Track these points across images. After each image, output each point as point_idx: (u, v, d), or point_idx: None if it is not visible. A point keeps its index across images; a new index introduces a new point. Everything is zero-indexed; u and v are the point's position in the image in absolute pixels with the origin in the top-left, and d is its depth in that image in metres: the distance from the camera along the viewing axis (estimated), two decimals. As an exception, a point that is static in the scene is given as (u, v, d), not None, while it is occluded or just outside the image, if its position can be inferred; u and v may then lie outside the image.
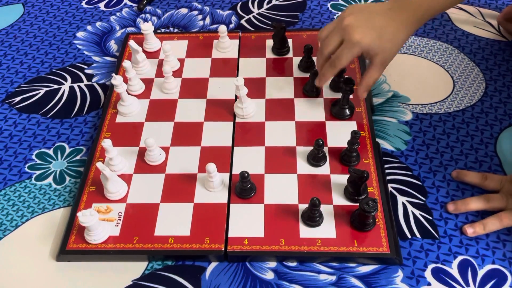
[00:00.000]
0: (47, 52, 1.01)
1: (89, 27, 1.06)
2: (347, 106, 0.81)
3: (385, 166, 0.78)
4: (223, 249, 0.68)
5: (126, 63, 0.84)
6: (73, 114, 0.89)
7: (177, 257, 0.69)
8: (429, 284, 0.66)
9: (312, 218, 0.69)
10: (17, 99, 0.92)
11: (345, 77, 0.80)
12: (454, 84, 0.90)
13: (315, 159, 0.76)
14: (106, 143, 0.73)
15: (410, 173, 0.78)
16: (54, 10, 1.11)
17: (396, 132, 0.83)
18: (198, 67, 0.92)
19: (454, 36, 0.99)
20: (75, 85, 0.94)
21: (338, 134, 0.80)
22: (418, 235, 0.70)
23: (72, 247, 0.69)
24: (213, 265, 0.69)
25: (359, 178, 0.68)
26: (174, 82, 0.88)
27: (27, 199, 0.77)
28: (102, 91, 0.93)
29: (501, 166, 0.78)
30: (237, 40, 0.97)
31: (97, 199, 0.74)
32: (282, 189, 0.73)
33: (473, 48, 0.96)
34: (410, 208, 0.74)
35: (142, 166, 0.78)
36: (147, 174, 0.77)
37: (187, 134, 0.81)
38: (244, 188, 0.72)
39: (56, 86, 0.94)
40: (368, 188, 0.73)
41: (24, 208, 0.76)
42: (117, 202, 0.73)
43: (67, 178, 0.79)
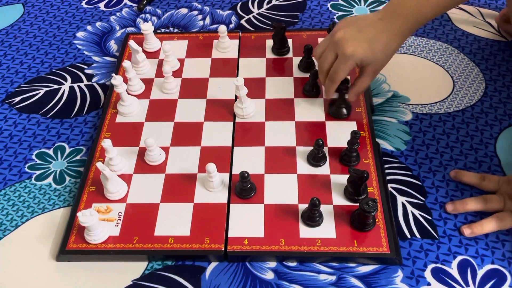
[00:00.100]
0: (47, 52, 1.01)
1: (89, 27, 1.06)
2: (344, 106, 0.81)
3: (385, 166, 0.78)
4: (223, 249, 0.68)
5: (126, 63, 0.84)
6: (73, 114, 0.89)
7: (177, 257, 0.69)
8: (429, 284, 0.66)
9: (312, 218, 0.69)
10: (17, 99, 0.92)
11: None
12: (454, 84, 0.90)
13: (315, 159, 0.76)
14: (106, 143, 0.73)
15: (410, 173, 0.78)
16: (54, 10, 1.11)
17: (396, 132, 0.83)
18: (198, 67, 0.92)
19: (454, 36, 0.99)
20: (75, 85, 0.94)
21: (338, 134, 0.80)
22: (418, 235, 0.70)
23: (72, 247, 0.69)
24: (213, 265, 0.69)
25: (359, 178, 0.68)
26: (174, 82, 0.88)
27: (27, 199, 0.77)
28: (102, 91, 0.93)
29: (501, 167, 0.78)
30: (237, 40, 0.97)
31: (97, 199, 0.74)
32: (282, 189, 0.73)
33: (473, 48, 0.96)
34: (410, 208, 0.74)
35: (142, 166, 0.78)
36: (147, 174, 0.77)
37: (187, 134, 0.81)
38: (244, 188, 0.72)
39: (56, 86, 0.94)
40: (368, 188, 0.73)
41: (24, 208, 0.76)
42: (117, 202, 0.73)
43: (67, 178, 0.79)
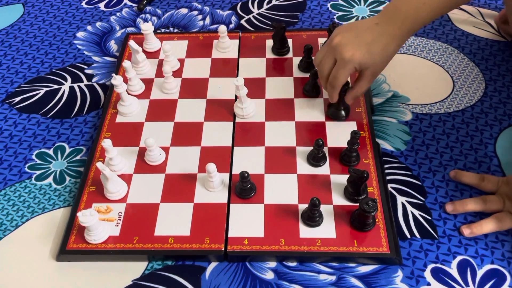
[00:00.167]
0: (47, 52, 1.01)
1: (89, 27, 1.06)
2: (342, 108, 0.81)
3: (385, 166, 0.78)
4: (223, 249, 0.68)
5: (126, 63, 0.84)
6: (73, 114, 0.89)
7: (177, 257, 0.69)
8: (429, 284, 0.66)
9: (312, 218, 0.69)
10: (17, 99, 0.92)
11: None
12: (454, 84, 0.90)
13: (315, 159, 0.76)
14: (106, 143, 0.73)
15: (410, 173, 0.78)
16: (54, 10, 1.11)
17: (396, 132, 0.83)
18: (198, 67, 0.92)
19: (454, 36, 0.99)
20: (75, 85, 0.94)
21: (338, 134, 0.80)
22: (418, 235, 0.70)
23: (72, 247, 0.69)
24: (213, 265, 0.69)
25: (359, 178, 0.68)
26: (174, 82, 0.88)
27: (27, 199, 0.77)
28: (102, 91, 0.93)
29: (500, 167, 0.78)
30: (237, 40, 0.97)
31: (97, 199, 0.74)
32: (282, 189, 0.73)
33: (473, 48, 0.96)
34: (410, 208, 0.74)
35: (142, 166, 0.78)
36: (147, 174, 0.77)
37: (187, 134, 0.82)
38: (244, 188, 0.72)
39: (56, 86, 0.94)
40: (368, 188, 0.73)
41: (24, 208, 0.76)
42: (117, 202, 0.73)
43: (67, 178, 0.79)
